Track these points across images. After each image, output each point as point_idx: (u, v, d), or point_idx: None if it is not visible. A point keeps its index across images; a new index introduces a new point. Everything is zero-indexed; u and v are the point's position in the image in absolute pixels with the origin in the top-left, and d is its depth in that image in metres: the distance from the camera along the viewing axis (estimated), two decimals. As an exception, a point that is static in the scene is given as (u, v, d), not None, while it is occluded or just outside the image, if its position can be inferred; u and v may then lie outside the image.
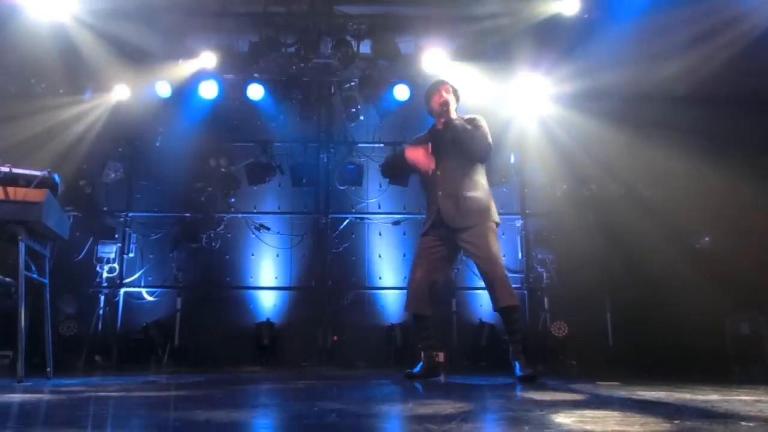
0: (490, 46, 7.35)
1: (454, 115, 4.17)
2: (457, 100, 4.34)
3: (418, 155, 4.21)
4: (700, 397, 2.64)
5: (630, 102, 6.78)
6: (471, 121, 4.21)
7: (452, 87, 4.34)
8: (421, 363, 4.30)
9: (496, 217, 4.19)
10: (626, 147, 6.93)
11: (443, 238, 4.19)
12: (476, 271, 4.22)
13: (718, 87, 6.21)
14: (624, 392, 2.96)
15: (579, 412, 2.05)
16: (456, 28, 7.21)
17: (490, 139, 4.18)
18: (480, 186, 4.22)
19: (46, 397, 2.73)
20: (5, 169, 3.84)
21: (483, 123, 4.22)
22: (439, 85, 4.32)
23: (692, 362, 5.85)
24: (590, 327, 7.34)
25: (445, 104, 4.18)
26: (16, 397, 2.65)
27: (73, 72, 7.18)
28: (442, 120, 4.22)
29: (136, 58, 7.24)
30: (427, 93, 4.39)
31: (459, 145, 4.14)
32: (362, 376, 4.95)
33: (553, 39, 7.09)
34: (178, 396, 2.97)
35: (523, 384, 3.74)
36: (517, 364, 3.95)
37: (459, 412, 2.13)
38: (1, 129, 5.60)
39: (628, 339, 6.94)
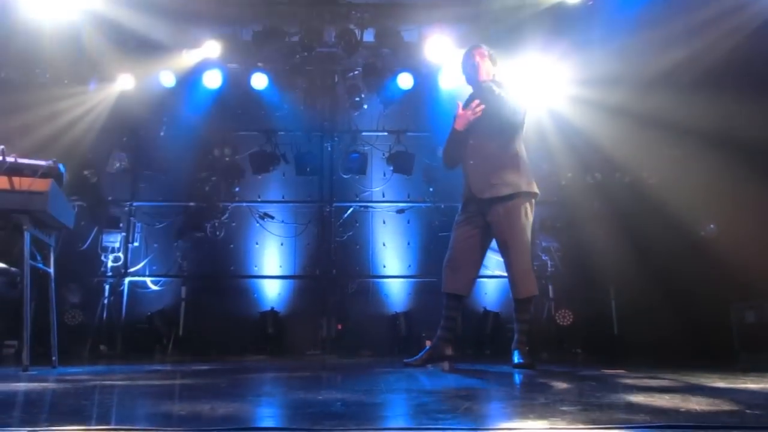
0: (494, 34, 7.29)
1: (483, 77, 4.04)
2: (494, 64, 4.17)
3: (460, 118, 4.05)
4: (705, 385, 2.63)
5: (635, 89, 6.72)
6: (500, 84, 4.05)
7: (488, 51, 4.18)
8: (426, 348, 4.24)
9: (532, 187, 4.01)
10: (631, 135, 6.88)
11: (475, 213, 4.05)
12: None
13: (725, 74, 6.16)
14: (630, 380, 2.96)
15: (583, 400, 2.05)
16: (459, 16, 7.17)
17: (519, 102, 4.01)
18: (513, 154, 4.04)
19: (51, 386, 2.74)
20: (10, 159, 3.84)
21: (512, 89, 4.06)
22: (472, 50, 4.18)
23: (698, 350, 5.85)
24: (595, 315, 7.34)
25: (475, 67, 4.08)
26: (22, 386, 2.66)
27: (78, 62, 7.16)
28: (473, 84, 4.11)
29: (141, 48, 7.21)
30: (462, 60, 4.23)
31: (488, 109, 3.95)
32: (367, 364, 4.96)
33: (557, 26, 7.04)
34: (182, 385, 2.98)
35: (518, 370, 3.74)
36: (517, 353, 3.93)
37: (465, 399, 2.14)
38: (6, 119, 5.60)
39: (633, 327, 6.93)
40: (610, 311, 7.38)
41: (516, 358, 3.90)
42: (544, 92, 7.47)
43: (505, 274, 4.09)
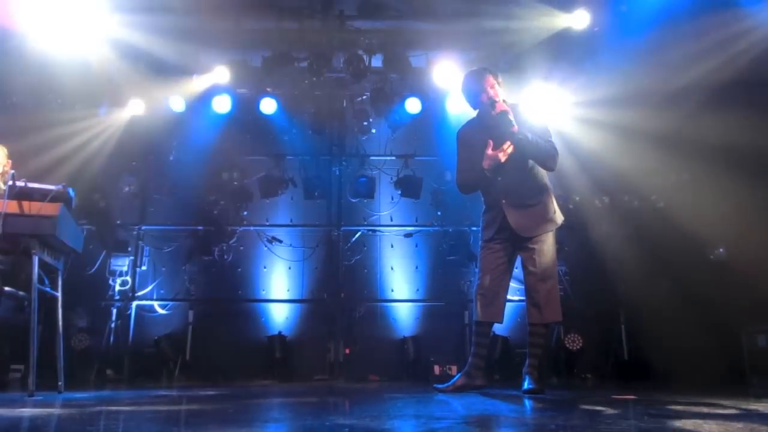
0: (501, 60, 7.34)
1: (514, 124, 3.80)
2: (501, 86, 4.10)
3: (489, 158, 3.84)
4: (718, 411, 2.59)
5: (642, 113, 6.73)
6: (532, 128, 3.97)
7: (494, 76, 4.09)
8: (457, 375, 4.18)
9: (560, 218, 4.07)
10: (639, 157, 6.88)
11: (507, 240, 4.03)
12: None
13: (732, 96, 6.17)
14: (641, 407, 2.92)
15: (594, 427, 2.02)
16: (466, 42, 7.23)
17: (556, 148, 4.00)
18: (543, 187, 4.06)
19: (56, 411, 2.73)
20: (21, 183, 3.88)
21: (548, 131, 4.07)
22: (482, 79, 4.05)
23: (709, 375, 5.76)
24: (605, 340, 7.27)
25: (492, 100, 3.91)
26: (27, 412, 2.65)
27: (89, 87, 7.25)
28: (495, 113, 3.86)
29: (151, 73, 7.30)
30: (468, 85, 4.13)
31: (520, 152, 3.87)
32: (375, 389, 4.91)
33: (564, 52, 7.09)
34: (189, 410, 2.96)
35: (528, 396, 3.71)
36: (529, 378, 3.92)
37: (474, 426, 2.11)
38: (17, 144, 5.64)
39: (643, 352, 6.84)
40: (620, 336, 7.30)
41: (527, 383, 3.88)
42: (551, 115, 7.49)
43: (519, 298, 4.09)
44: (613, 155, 7.02)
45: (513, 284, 4.39)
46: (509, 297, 4.25)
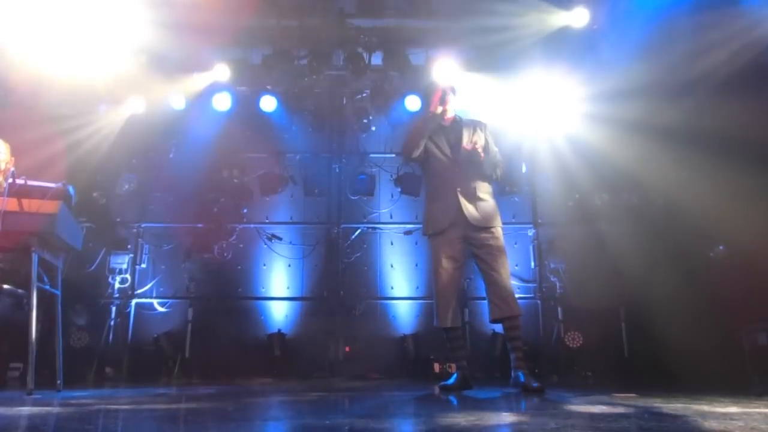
0: (501, 58, 7.34)
1: (465, 141, 4.30)
2: (455, 93, 4.45)
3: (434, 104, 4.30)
4: (718, 410, 2.58)
5: (641, 110, 6.72)
6: (479, 131, 4.41)
7: (451, 90, 4.43)
8: (455, 375, 4.29)
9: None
10: (638, 155, 6.87)
11: (460, 238, 4.19)
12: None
13: (733, 94, 6.15)
14: (641, 405, 2.91)
15: (594, 425, 2.01)
16: (466, 40, 7.22)
17: (499, 158, 4.38)
18: (491, 189, 4.36)
19: (55, 409, 2.72)
20: (20, 181, 3.87)
21: (491, 141, 4.42)
22: (447, 95, 4.39)
23: (709, 373, 5.76)
24: (605, 337, 7.26)
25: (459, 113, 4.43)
26: (25, 410, 2.64)
27: (88, 85, 7.23)
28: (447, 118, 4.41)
29: (151, 71, 7.28)
30: (427, 96, 4.52)
31: (486, 156, 4.28)
32: (375, 387, 4.91)
33: (564, 50, 7.08)
34: (188, 409, 2.95)
35: (529, 395, 3.71)
36: (521, 374, 3.96)
37: (473, 425, 2.10)
38: (16, 141, 5.63)
39: (643, 350, 6.84)
40: (620, 333, 7.29)
41: (523, 379, 3.90)
42: (550, 114, 7.49)
43: (522, 296, 4.19)
44: (612, 153, 7.01)
45: (514, 282, 4.48)
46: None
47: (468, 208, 4.14)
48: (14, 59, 6.62)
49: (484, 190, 4.27)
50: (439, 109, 4.28)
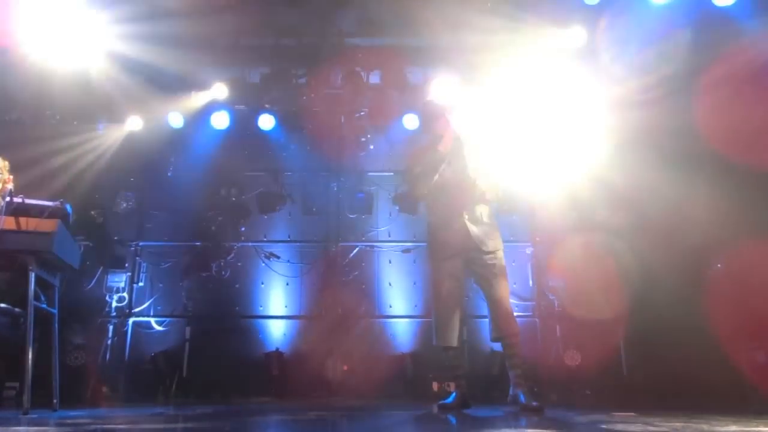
0: (497, 77, 7.37)
1: (468, 164, 4.29)
2: (453, 112, 4.47)
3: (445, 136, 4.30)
4: (718, 428, 2.57)
5: (639, 128, 6.75)
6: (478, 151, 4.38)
7: (450, 110, 4.47)
8: (454, 394, 4.28)
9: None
10: (636, 173, 6.88)
11: (463, 261, 4.24)
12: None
13: (730, 115, 6.18)
14: (640, 423, 2.90)
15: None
16: (464, 59, 7.27)
17: (499, 178, 4.38)
18: (492, 212, 4.38)
19: (51, 429, 2.70)
20: (18, 199, 3.87)
21: (490, 160, 4.40)
22: (444, 116, 4.40)
23: (708, 391, 5.73)
24: (604, 356, 7.22)
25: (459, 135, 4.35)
26: (21, 430, 2.62)
27: (87, 104, 7.27)
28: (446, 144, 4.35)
29: (150, 89, 7.32)
30: (426, 116, 4.66)
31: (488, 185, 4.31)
32: (373, 407, 4.88)
33: (561, 65, 7.12)
34: (185, 428, 2.93)
35: (528, 414, 3.69)
36: (521, 394, 3.94)
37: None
38: (15, 160, 5.64)
39: (642, 368, 6.81)
40: (619, 351, 7.26)
41: (522, 398, 3.88)
42: (548, 131, 7.51)
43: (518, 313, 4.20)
44: (610, 170, 7.02)
45: (513, 300, 4.49)
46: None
47: (477, 233, 4.18)
48: (13, 77, 6.66)
49: (486, 213, 4.30)
50: (447, 144, 4.29)
